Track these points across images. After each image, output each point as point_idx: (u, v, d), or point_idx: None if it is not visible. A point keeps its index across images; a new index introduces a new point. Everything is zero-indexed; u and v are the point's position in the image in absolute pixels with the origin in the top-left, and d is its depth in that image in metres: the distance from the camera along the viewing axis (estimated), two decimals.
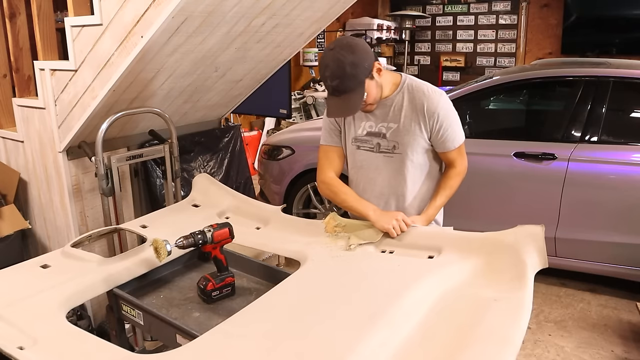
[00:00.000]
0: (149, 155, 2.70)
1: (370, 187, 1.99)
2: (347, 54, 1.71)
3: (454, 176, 1.97)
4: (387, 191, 1.97)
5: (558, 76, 3.57)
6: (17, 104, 2.75)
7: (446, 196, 1.97)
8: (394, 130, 1.89)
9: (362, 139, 1.96)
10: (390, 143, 1.91)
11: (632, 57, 4.38)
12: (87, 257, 1.78)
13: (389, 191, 1.96)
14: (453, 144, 1.90)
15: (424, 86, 1.89)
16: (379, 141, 1.93)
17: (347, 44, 1.74)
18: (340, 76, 1.71)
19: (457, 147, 1.92)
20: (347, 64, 1.70)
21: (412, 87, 1.89)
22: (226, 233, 1.67)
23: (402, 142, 1.89)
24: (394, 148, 1.91)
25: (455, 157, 1.94)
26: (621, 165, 3.09)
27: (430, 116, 1.84)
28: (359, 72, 1.73)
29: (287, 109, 5.03)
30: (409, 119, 1.87)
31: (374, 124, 1.93)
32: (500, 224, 1.77)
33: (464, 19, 8.30)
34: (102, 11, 2.15)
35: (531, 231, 1.59)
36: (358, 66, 1.72)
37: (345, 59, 1.70)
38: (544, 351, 2.83)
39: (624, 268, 3.17)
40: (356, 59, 1.72)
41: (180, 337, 1.46)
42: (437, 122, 1.85)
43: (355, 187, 2.03)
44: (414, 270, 1.60)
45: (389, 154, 1.92)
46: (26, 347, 1.30)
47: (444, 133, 1.87)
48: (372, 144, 1.94)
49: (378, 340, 1.28)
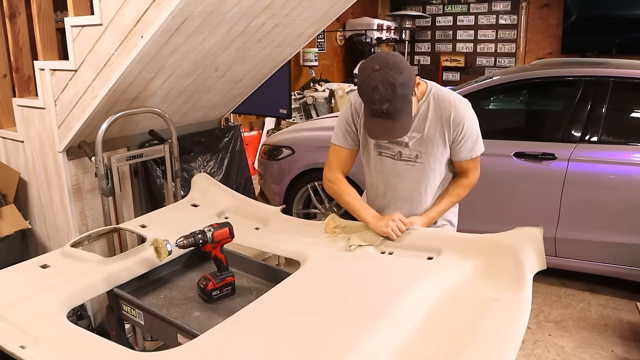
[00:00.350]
0: (149, 155, 2.70)
1: (391, 192, 1.99)
2: (396, 75, 1.63)
3: (463, 186, 1.97)
4: (407, 196, 1.96)
5: (558, 76, 3.57)
6: (17, 104, 2.75)
7: (451, 202, 1.97)
8: (417, 140, 1.88)
9: (384, 146, 1.94)
10: (412, 152, 1.89)
11: (632, 57, 4.38)
12: (87, 257, 1.78)
13: (409, 197, 1.96)
14: (470, 154, 1.90)
15: (450, 96, 1.86)
16: (401, 149, 1.91)
17: (394, 63, 1.64)
18: (391, 99, 1.63)
19: (473, 158, 1.91)
20: (398, 86, 1.62)
21: (438, 96, 1.86)
22: (226, 233, 1.67)
23: (425, 152, 1.88)
24: (416, 157, 1.90)
25: (469, 167, 1.94)
26: (621, 165, 3.09)
27: (456, 126, 1.83)
28: (408, 92, 1.67)
29: (287, 109, 5.03)
30: (434, 129, 1.85)
31: None
32: (500, 224, 1.77)
33: (464, 19, 8.31)
34: (102, 11, 2.16)
35: (530, 233, 1.60)
36: (407, 86, 1.65)
37: (396, 80, 1.62)
38: (544, 351, 2.83)
39: (624, 268, 3.17)
40: (405, 79, 1.64)
41: (181, 337, 1.47)
42: (461, 131, 1.84)
43: (375, 190, 2.03)
44: (414, 271, 1.60)
45: (411, 163, 1.91)
46: (27, 346, 1.30)
47: (465, 143, 1.86)
48: (394, 152, 1.92)
49: (378, 340, 1.28)
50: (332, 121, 4.40)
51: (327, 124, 4.41)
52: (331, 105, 7.06)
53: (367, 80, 1.65)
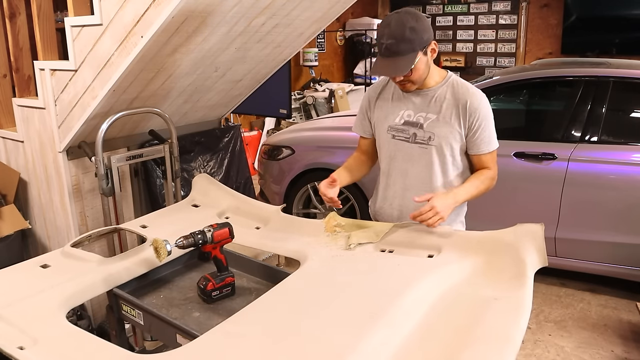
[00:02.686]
0: (149, 155, 2.70)
1: (401, 179, 1.98)
2: (411, 19, 1.74)
3: (486, 174, 1.91)
4: (416, 183, 1.94)
5: (558, 76, 3.57)
6: (17, 104, 2.75)
7: (476, 186, 1.88)
8: (432, 121, 1.89)
9: (398, 128, 1.95)
10: (426, 134, 1.90)
11: (632, 57, 4.38)
12: (87, 257, 1.78)
13: (418, 184, 1.94)
14: (488, 147, 1.89)
15: (468, 85, 1.90)
16: (416, 131, 1.91)
17: (414, 12, 1.77)
18: (397, 37, 1.72)
19: (490, 152, 1.91)
20: (408, 28, 1.72)
21: (458, 83, 1.89)
22: (226, 233, 1.67)
23: (438, 134, 1.88)
24: (429, 139, 1.89)
25: (488, 161, 1.92)
26: (621, 165, 3.09)
27: (472, 113, 1.84)
28: (416, 40, 1.74)
29: (287, 109, 5.03)
30: (450, 112, 1.86)
31: (412, 112, 1.92)
32: (500, 224, 1.76)
33: (464, 19, 8.30)
34: (102, 11, 2.16)
35: (531, 230, 1.59)
36: (417, 33, 1.73)
37: (408, 22, 1.73)
38: (544, 351, 2.83)
39: (624, 268, 3.17)
40: (417, 25, 1.74)
41: (181, 337, 1.46)
42: (476, 120, 1.84)
43: (387, 178, 2.03)
44: (414, 269, 1.60)
45: (424, 145, 1.91)
46: (26, 347, 1.30)
47: (481, 133, 1.86)
48: (409, 134, 1.93)
49: (378, 339, 1.28)
50: (332, 121, 4.45)
51: (327, 124, 4.41)
52: (331, 105, 7.06)
53: (387, 19, 1.78)
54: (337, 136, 3.92)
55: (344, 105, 7.00)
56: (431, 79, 1.89)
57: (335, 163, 3.48)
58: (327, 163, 3.75)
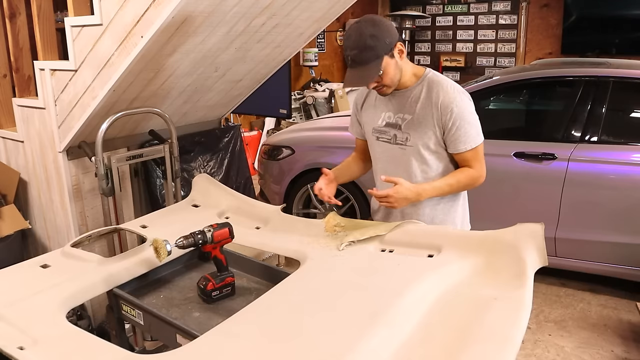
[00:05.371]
0: (149, 155, 2.70)
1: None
2: (369, 26, 1.75)
3: (466, 173, 1.88)
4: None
5: (558, 76, 3.57)
6: (17, 104, 2.76)
7: (448, 185, 1.87)
8: (408, 122, 1.89)
9: (381, 130, 1.97)
10: (404, 135, 1.90)
11: (632, 57, 4.37)
12: (87, 257, 1.78)
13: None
14: (465, 145, 1.84)
15: (444, 81, 1.87)
16: (396, 132, 1.92)
17: (372, 18, 1.78)
18: (359, 47, 1.74)
19: (471, 150, 1.86)
20: (368, 36, 1.73)
21: (433, 81, 1.87)
22: (226, 233, 1.67)
23: (413, 135, 1.88)
24: (406, 140, 1.90)
25: (469, 159, 1.87)
26: (621, 165, 3.09)
27: (444, 111, 1.81)
28: (378, 46, 1.74)
29: (287, 109, 5.03)
30: (424, 112, 1.85)
31: (392, 114, 1.93)
32: (500, 224, 1.76)
33: (464, 19, 8.30)
34: (102, 11, 2.16)
35: (531, 229, 1.59)
36: (378, 39, 1.74)
37: (367, 30, 1.74)
38: (544, 351, 2.83)
39: (624, 268, 3.18)
40: (377, 32, 1.74)
41: (181, 337, 1.46)
42: (450, 117, 1.81)
43: (377, 180, 2.04)
44: (414, 269, 1.60)
45: (403, 146, 1.92)
46: (26, 347, 1.30)
47: (457, 132, 1.82)
48: (390, 135, 1.94)
49: (378, 339, 1.27)
50: (332, 121, 4.45)
51: (327, 124, 4.42)
52: (331, 105, 7.06)
53: (348, 31, 1.79)
54: (337, 136, 3.92)
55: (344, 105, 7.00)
56: (407, 79, 1.88)
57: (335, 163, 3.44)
58: (327, 163, 3.74)
